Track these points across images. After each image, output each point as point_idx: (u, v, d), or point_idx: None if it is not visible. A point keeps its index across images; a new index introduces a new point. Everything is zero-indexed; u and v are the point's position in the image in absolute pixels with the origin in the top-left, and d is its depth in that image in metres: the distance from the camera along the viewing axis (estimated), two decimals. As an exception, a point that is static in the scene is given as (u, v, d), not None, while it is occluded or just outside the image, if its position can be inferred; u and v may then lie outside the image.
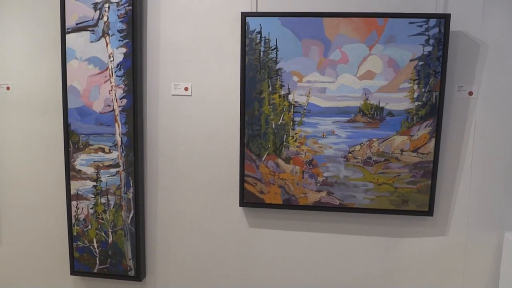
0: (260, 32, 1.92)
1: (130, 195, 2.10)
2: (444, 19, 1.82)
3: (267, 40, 1.93)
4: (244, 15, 1.92)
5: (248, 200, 2.05)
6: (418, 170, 1.92)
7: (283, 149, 1.98)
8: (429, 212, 1.95)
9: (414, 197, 1.94)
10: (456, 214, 2.00)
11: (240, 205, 2.06)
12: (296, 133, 1.96)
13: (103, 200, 2.12)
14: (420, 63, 1.86)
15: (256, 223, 2.12)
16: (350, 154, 1.95)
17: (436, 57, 1.84)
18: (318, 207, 2.01)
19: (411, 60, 1.86)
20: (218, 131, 2.07)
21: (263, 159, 2.00)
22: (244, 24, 1.93)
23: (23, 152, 2.25)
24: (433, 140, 1.90)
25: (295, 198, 2.01)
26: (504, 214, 1.98)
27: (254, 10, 1.98)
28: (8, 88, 2.22)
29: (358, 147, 1.94)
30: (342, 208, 2.00)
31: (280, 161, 2.00)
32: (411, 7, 1.90)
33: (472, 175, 1.97)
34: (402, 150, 1.92)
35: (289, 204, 2.02)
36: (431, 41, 1.84)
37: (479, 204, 1.99)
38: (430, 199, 1.94)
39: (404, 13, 1.85)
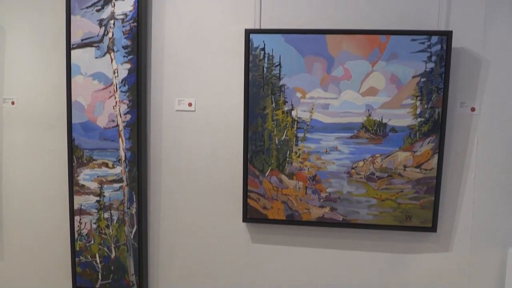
0: (263, 49, 1.94)
1: (133, 210, 2.10)
2: (446, 36, 1.83)
3: (270, 57, 1.94)
4: (248, 32, 1.94)
5: (251, 215, 2.05)
6: (421, 186, 1.92)
7: (286, 164, 1.99)
8: (433, 228, 1.95)
9: (418, 213, 1.94)
10: (459, 230, 1.99)
11: (243, 221, 2.06)
12: (299, 149, 1.97)
13: (106, 215, 2.12)
14: (423, 79, 1.87)
15: (259, 239, 2.12)
16: (353, 170, 1.95)
17: (439, 73, 1.86)
18: (321, 222, 2.01)
19: (413, 77, 1.87)
20: (221, 146, 2.08)
21: (266, 174, 2.01)
22: (248, 41, 1.94)
23: (27, 166, 2.26)
24: (436, 156, 1.90)
25: (298, 213, 2.01)
26: (508, 230, 1.98)
27: (257, 27, 2.00)
28: (13, 103, 2.23)
29: (361, 163, 1.95)
30: (345, 224, 1.99)
31: (283, 176, 2.00)
32: (413, 24, 1.91)
33: (475, 191, 1.97)
34: (405, 166, 1.92)
35: (292, 220, 2.02)
36: (434, 58, 1.85)
37: (482, 220, 1.98)
38: (434, 215, 1.94)
39: (406, 30, 1.87)
